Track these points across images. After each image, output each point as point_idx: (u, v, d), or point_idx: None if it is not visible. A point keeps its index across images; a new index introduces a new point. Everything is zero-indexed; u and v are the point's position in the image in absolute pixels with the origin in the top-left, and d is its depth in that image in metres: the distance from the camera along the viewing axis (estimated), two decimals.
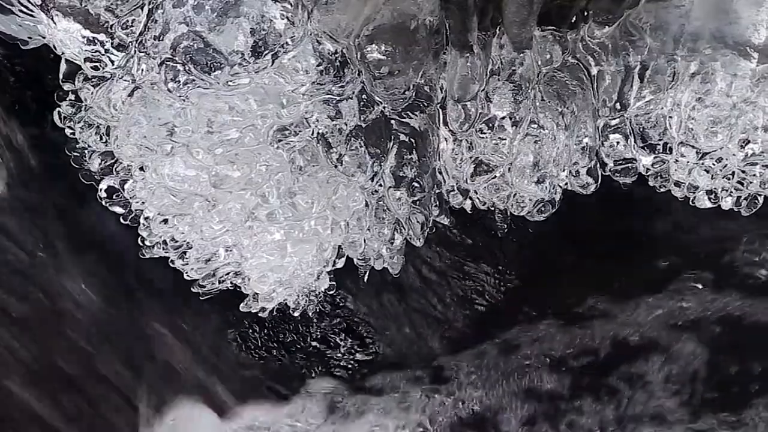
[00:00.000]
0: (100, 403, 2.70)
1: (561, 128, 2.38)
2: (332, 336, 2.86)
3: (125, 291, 2.70)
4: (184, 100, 2.06)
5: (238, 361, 2.82)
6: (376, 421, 2.75)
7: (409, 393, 2.77)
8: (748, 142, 2.41)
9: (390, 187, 2.30)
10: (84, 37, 2.11)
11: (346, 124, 2.19)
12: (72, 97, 2.35)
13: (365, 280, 2.57)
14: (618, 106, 2.41)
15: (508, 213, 2.54)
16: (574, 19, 2.28)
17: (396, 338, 2.88)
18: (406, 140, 2.27)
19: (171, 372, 2.76)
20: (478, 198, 2.53)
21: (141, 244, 2.47)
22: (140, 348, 2.73)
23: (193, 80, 1.97)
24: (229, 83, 1.99)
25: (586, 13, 2.28)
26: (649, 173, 2.54)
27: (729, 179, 2.51)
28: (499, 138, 2.35)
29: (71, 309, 2.65)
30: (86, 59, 2.17)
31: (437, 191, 2.47)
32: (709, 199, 2.54)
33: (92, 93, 2.25)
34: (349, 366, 2.85)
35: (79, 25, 2.09)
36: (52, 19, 2.09)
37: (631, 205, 2.78)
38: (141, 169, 2.31)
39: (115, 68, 2.16)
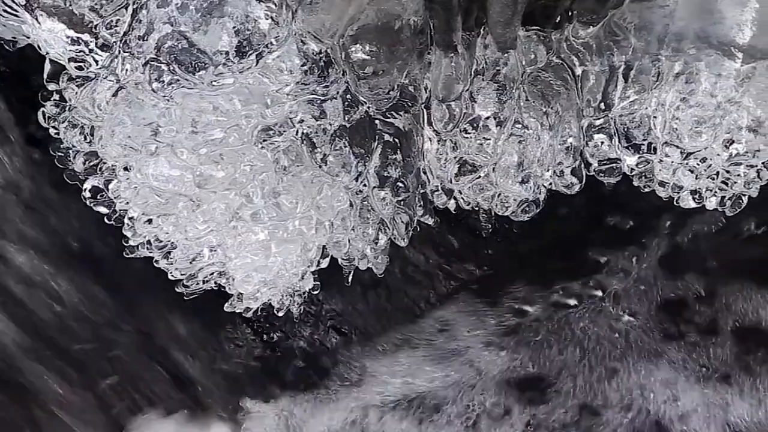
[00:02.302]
0: None
1: (545, 128, 2.40)
2: (317, 336, 2.88)
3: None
4: (168, 100, 2.08)
5: (223, 360, 2.84)
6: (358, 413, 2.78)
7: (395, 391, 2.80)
8: (733, 142, 2.43)
9: (374, 187, 2.32)
10: (68, 37, 2.09)
11: (331, 124, 2.22)
12: (56, 97, 2.34)
13: (349, 280, 2.57)
14: (602, 106, 2.43)
15: (493, 213, 2.55)
16: (558, 19, 2.31)
17: (381, 338, 2.91)
18: (391, 140, 2.30)
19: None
20: (462, 198, 2.55)
21: (125, 244, 2.48)
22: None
23: (178, 80, 1.99)
24: (214, 83, 2.01)
25: (570, 13, 2.30)
26: (633, 173, 2.56)
27: (713, 179, 2.53)
28: (484, 138, 2.37)
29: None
30: (70, 59, 2.15)
31: (421, 191, 2.49)
32: (694, 199, 2.56)
33: (76, 93, 2.24)
34: (334, 365, 2.88)
35: (64, 25, 2.08)
36: (37, 19, 2.07)
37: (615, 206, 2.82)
38: (125, 169, 2.31)
39: (100, 68, 2.15)
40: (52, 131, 2.39)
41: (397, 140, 2.30)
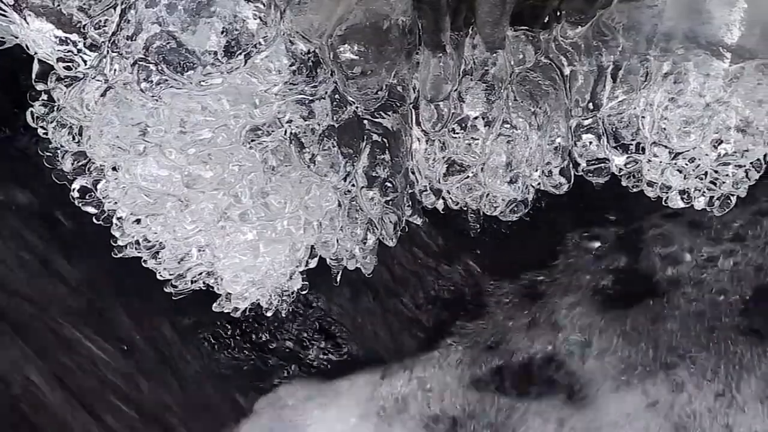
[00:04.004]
0: None
1: (534, 128, 2.41)
2: (305, 336, 2.89)
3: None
4: (156, 100, 2.08)
5: (210, 361, 2.85)
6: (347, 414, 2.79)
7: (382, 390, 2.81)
8: (721, 142, 2.44)
9: (363, 187, 2.33)
10: (57, 37, 2.11)
11: (319, 124, 2.23)
12: (45, 97, 2.36)
13: (338, 281, 2.58)
14: (591, 106, 2.45)
15: (481, 213, 2.56)
16: (546, 19, 2.33)
17: (368, 338, 2.92)
18: (379, 140, 2.31)
19: None
20: (450, 198, 2.56)
21: (113, 244, 2.49)
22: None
23: (166, 80, 2.00)
24: (202, 83, 2.02)
25: (558, 13, 2.32)
26: (622, 173, 2.57)
27: (702, 179, 2.54)
28: (472, 138, 2.39)
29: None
30: (59, 59, 2.17)
31: (410, 191, 2.50)
32: (682, 199, 2.57)
33: (65, 93, 2.26)
34: (322, 365, 2.88)
35: (52, 25, 2.09)
36: (25, 19, 2.09)
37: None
38: (114, 169, 2.32)
39: (88, 68, 2.17)
40: (40, 131, 2.40)
41: (385, 140, 2.32)
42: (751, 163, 2.52)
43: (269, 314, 2.65)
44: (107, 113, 2.19)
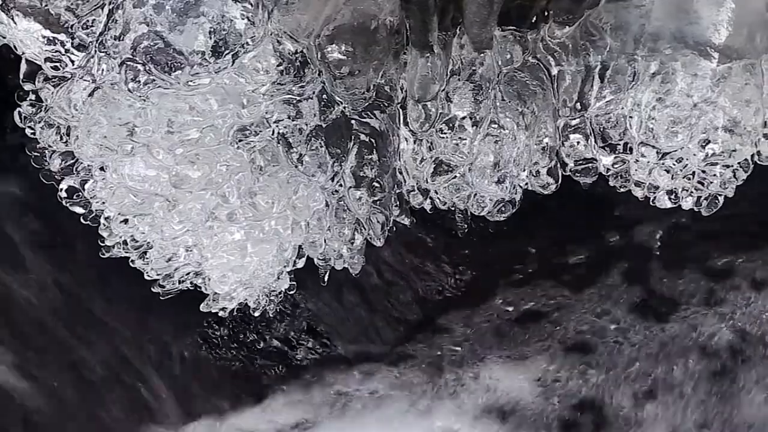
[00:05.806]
0: None
1: (521, 128, 2.43)
2: (292, 336, 2.90)
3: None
4: (144, 100, 2.12)
5: (199, 362, 2.86)
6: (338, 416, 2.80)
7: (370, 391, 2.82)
8: (709, 142, 2.46)
9: (350, 187, 2.35)
10: (44, 37, 2.13)
11: (307, 124, 2.26)
12: (32, 97, 2.36)
13: (325, 280, 2.60)
14: (578, 106, 2.46)
15: (469, 213, 2.58)
16: (534, 18, 2.35)
17: (356, 337, 2.93)
18: (367, 140, 2.33)
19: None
20: (438, 198, 2.58)
21: (101, 244, 2.51)
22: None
23: (154, 80, 2.02)
24: (190, 83, 2.05)
25: (546, 13, 2.34)
26: (609, 173, 2.58)
27: (689, 179, 2.55)
28: (460, 138, 2.40)
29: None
30: (47, 59, 2.20)
31: (397, 191, 2.51)
32: (670, 199, 2.58)
33: (53, 93, 2.28)
34: (310, 365, 2.89)
35: (40, 25, 2.12)
36: (13, 19, 2.11)
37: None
38: (101, 169, 2.34)
39: (76, 68, 2.20)
40: (28, 131, 2.41)
41: (373, 140, 2.33)
42: (739, 163, 2.53)
43: (257, 314, 2.67)
44: (95, 113, 2.21)
